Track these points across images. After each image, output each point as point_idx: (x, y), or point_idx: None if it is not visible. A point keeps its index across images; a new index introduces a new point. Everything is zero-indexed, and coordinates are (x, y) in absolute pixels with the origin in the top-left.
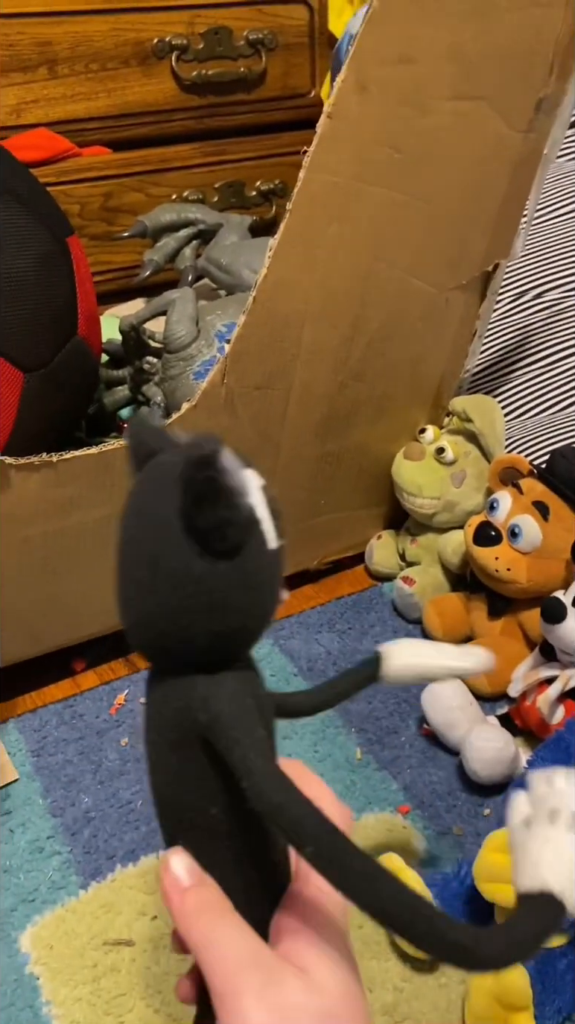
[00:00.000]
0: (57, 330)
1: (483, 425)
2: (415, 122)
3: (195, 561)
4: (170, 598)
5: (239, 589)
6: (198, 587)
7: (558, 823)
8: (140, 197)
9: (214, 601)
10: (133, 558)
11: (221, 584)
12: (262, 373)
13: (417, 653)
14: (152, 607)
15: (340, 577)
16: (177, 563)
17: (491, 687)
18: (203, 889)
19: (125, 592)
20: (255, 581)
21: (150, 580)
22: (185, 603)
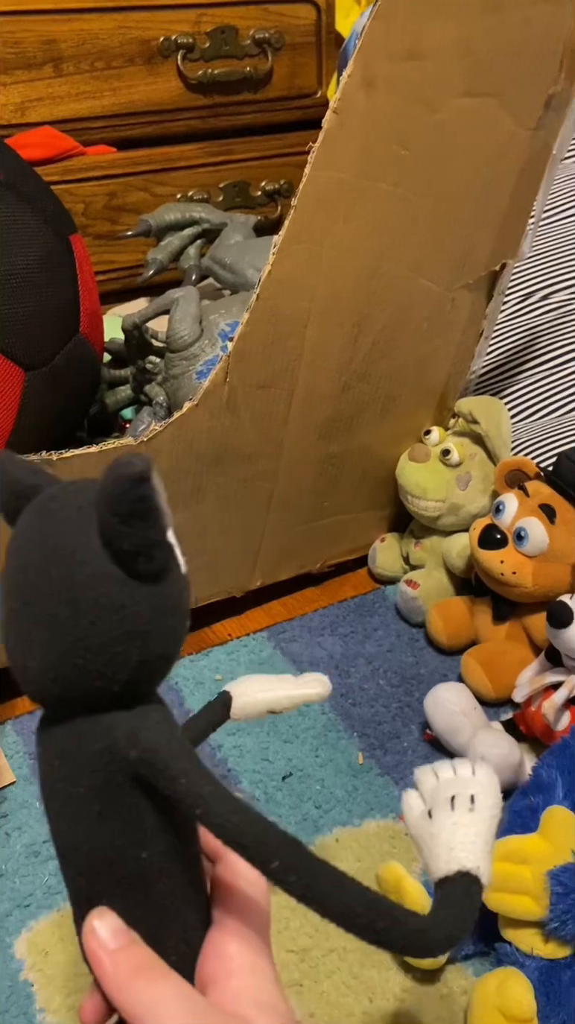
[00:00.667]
0: (59, 328)
1: (489, 427)
2: (423, 119)
3: (120, 587)
4: (92, 631)
5: (164, 614)
6: (124, 614)
7: (459, 807)
8: (144, 196)
9: (139, 629)
10: (39, 599)
11: (146, 610)
12: (265, 372)
13: (260, 687)
14: (69, 644)
15: (343, 580)
16: (100, 591)
17: (495, 692)
18: (133, 949)
19: (28, 637)
20: (176, 605)
21: (67, 616)
22: (110, 633)
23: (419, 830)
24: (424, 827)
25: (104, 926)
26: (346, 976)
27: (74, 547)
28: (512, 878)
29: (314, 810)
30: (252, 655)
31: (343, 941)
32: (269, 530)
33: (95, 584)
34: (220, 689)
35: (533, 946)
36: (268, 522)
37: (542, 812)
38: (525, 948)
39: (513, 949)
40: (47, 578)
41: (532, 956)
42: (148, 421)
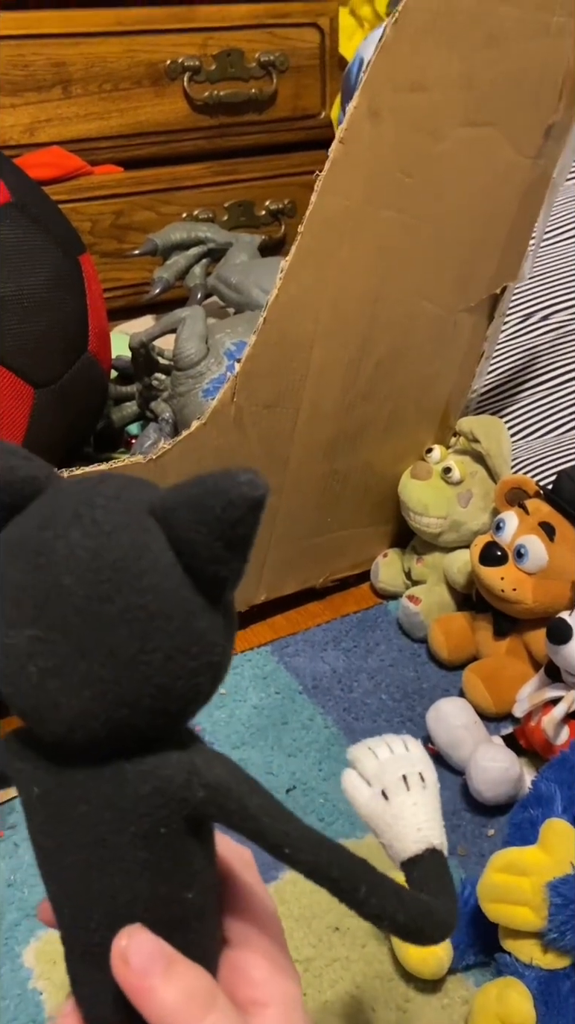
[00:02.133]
0: (68, 347)
1: (490, 445)
2: (426, 148)
3: (202, 615)
4: (169, 664)
5: (231, 643)
6: (204, 644)
7: (413, 786)
8: (151, 215)
9: (216, 659)
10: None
11: (223, 639)
12: (271, 392)
13: None
14: (136, 679)
15: (346, 595)
16: (180, 619)
17: (496, 707)
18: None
19: (68, 672)
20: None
21: (137, 648)
22: (189, 665)
23: (375, 812)
24: (381, 809)
25: (138, 948)
26: (349, 986)
27: (141, 568)
28: (512, 889)
29: (317, 823)
30: (256, 669)
31: (346, 952)
32: (274, 545)
33: (174, 611)
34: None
35: (533, 956)
36: (273, 537)
37: (541, 825)
38: (525, 958)
39: (513, 959)
40: (105, 604)
41: (532, 966)
42: (154, 437)
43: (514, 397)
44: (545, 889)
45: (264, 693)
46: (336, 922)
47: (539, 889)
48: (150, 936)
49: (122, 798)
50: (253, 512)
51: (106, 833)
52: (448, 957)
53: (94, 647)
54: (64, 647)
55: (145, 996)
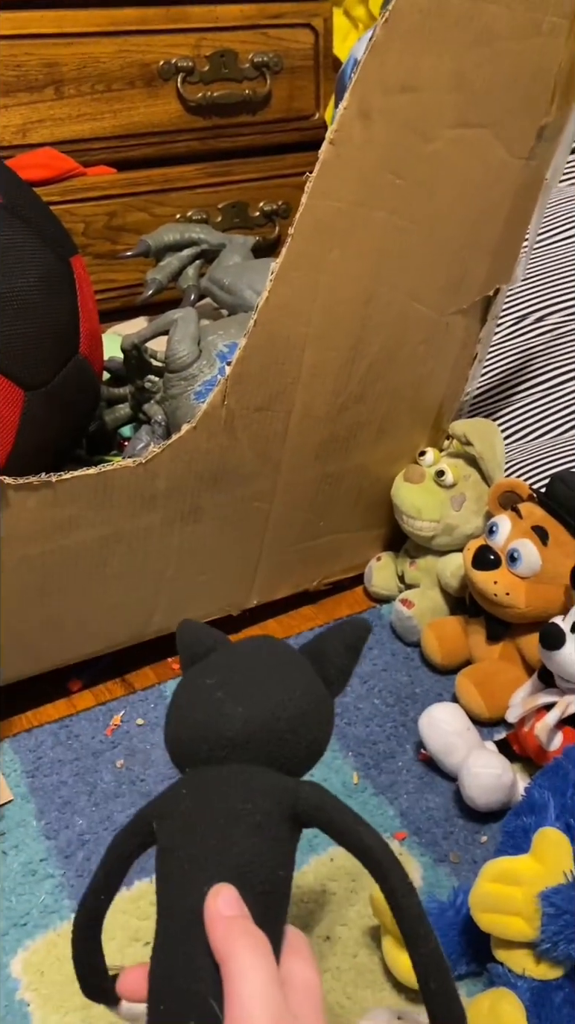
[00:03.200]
0: (59, 349)
1: (483, 449)
2: (417, 149)
3: (321, 691)
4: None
5: (332, 720)
6: (324, 711)
7: None
8: (144, 217)
9: (326, 724)
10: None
11: (330, 713)
12: (263, 395)
13: None
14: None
15: (339, 599)
16: (310, 690)
17: (489, 712)
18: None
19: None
20: None
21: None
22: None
23: None
24: None
25: (225, 896)
26: (340, 996)
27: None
28: (504, 899)
29: (308, 830)
30: None
31: (338, 961)
32: (266, 549)
33: (317, 688)
34: None
35: (525, 967)
36: (265, 541)
37: (534, 833)
38: (517, 969)
39: (505, 970)
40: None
41: (524, 977)
42: (146, 439)
43: (508, 400)
44: (538, 899)
45: None
46: (327, 931)
47: (531, 899)
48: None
49: (255, 783)
50: (366, 634)
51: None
52: None
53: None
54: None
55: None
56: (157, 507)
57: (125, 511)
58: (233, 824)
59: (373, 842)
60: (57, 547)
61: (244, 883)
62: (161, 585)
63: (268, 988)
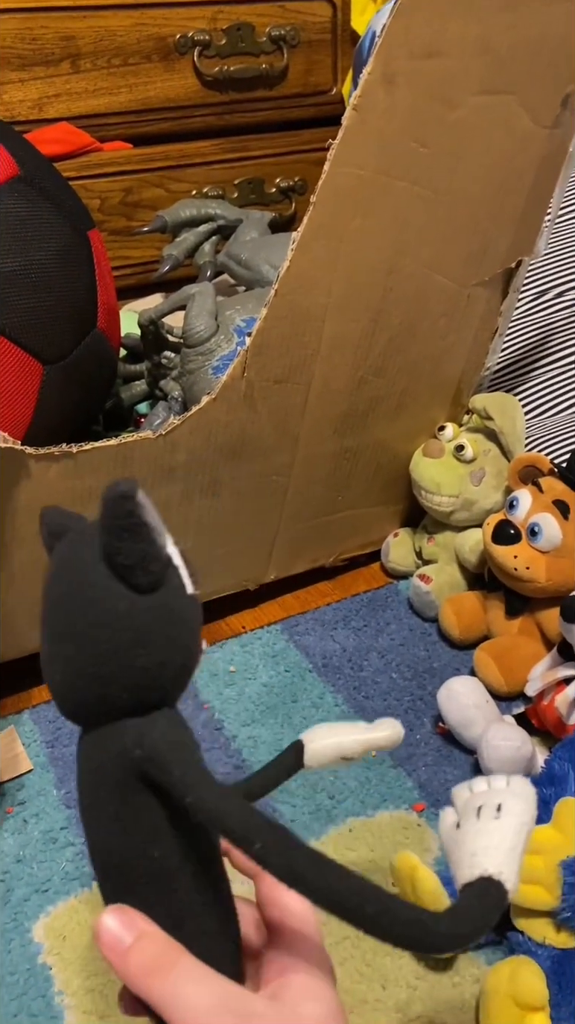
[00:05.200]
0: (77, 323)
1: (503, 423)
2: (441, 116)
3: (121, 599)
4: (101, 642)
5: (163, 623)
6: (126, 623)
7: (485, 816)
8: (160, 192)
9: (141, 637)
10: (60, 617)
11: (147, 617)
12: (282, 367)
13: (333, 733)
14: (85, 657)
15: (356, 574)
16: (105, 604)
17: (507, 686)
18: (146, 943)
19: (55, 655)
20: (177, 617)
21: (81, 630)
22: (115, 642)
23: (447, 841)
24: (451, 837)
25: (113, 921)
26: (359, 963)
27: (83, 570)
28: (525, 868)
29: (327, 801)
30: (266, 648)
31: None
32: (284, 524)
33: (101, 599)
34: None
35: (545, 935)
36: (283, 516)
37: (554, 804)
38: (537, 937)
39: (525, 938)
40: (62, 602)
41: (544, 945)
42: (163, 416)
43: (528, 374)
44: (559, 868)
45: (274, 671)
46: None
47: (553, 868)
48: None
49: (100, 759)
50: (122, 503)
51: (94, 790)
52: None
53: (62, 632)
54: (50, 636)
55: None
56: (176, 480)
57: (144, 483)
58: (91, 814)
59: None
60: None
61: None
62: None
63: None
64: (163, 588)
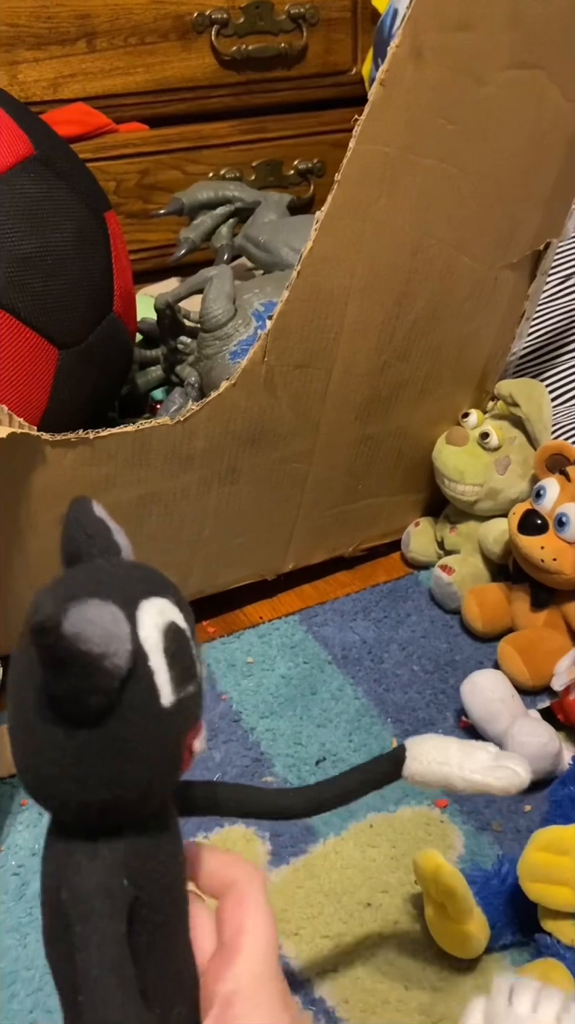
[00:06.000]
0: (93, 307)
1: (530, 410)
2: (470, 92)
3: (56, 729)
4: (43, 764)
5: (107, 758)
6: (62, 755)
7: None
8: (177, 175)
9: (80, 772)
10: (16, 719)
11: (84, 754)
12: (304, 351)
13: (444, 759)
14: (35, 768)
15: (375, 565)
16: (43, 731)
17: (532, 680)
18: None
19: (15, 751)
20: (129, 748)
21: (27, 743)
22: (53, 771)
23: None
24: None
25: None
26: (381, 963)
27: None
28: (553, 868)
29: None
30: (284, 638)
31: (378, 927)
32: (303, 513)
33: (39, 723)
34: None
35: (574, 938)
36: (302, 504)
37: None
38: (566, 940)
39: (553, 941)
40: (16, 704)
41: (572, 948)
42: (180, 402)
43: (554, 360)
44: None
45: (292, 663)
46: (368, 898)
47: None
48: None
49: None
50: (40, 637)
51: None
52: (485, 937)
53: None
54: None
55: None
56: (194, 467)
57: (162, 471)
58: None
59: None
60: None
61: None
62: (197, 547)
63: None
64: (115, 716)
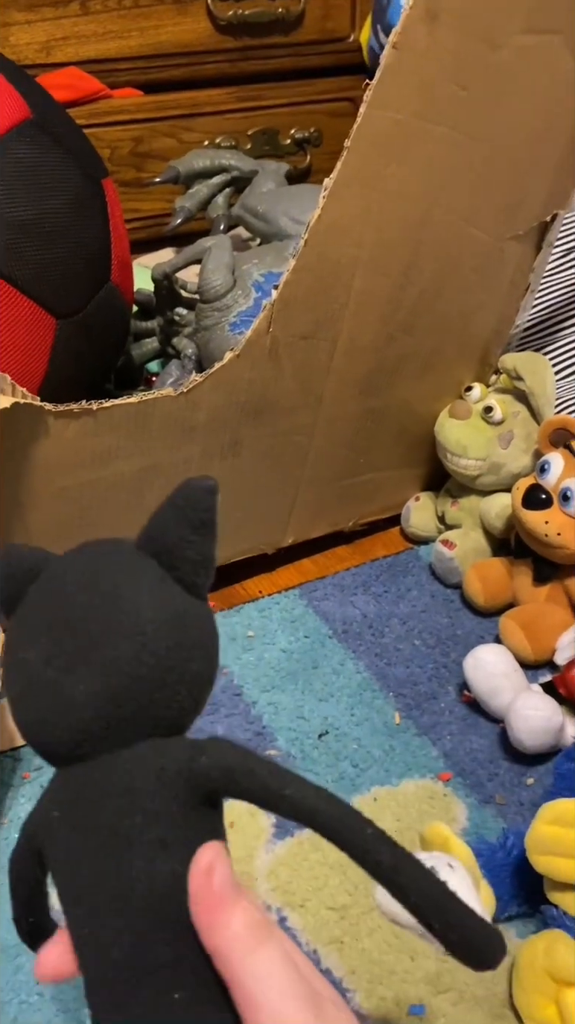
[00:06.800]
0: (90, 276)
1: (534, 384)
2: (484, 57)
3: (179, 597)
4: (161, 639)
5: (211, 632)
6: (188, 622)
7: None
8: (171, 143)
9: (197, 640)
10: (99, 621)
11: (203, 622)
12: (309, 322)
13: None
14: (136, 659)
15: (374, 539)
16: (169, 602)
17: (534, 655)
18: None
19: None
20: (216, 630)
21: (137, 629)
22: (175, 641)
23: None
24: None
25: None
26: (387, 934)
27: (128, 570)
28: (560, 841)
29: (351, 769)
30: (284, 613)
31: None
32: (304, 486)
33: (164, 594)
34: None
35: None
36: (303, 478)
37: None
38: (572, 911)
39: (559, 912)
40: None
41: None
42: (176, 374)
43: (558, 334)
44: None
45: (293, 637)
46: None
47: None
48: (228, 862)
49: (131, 781)
50: (209, 497)
51: (119, 819)
52: (491, 908)
53: (96, 637)
54: (73, 647)
55: (216, 917)
56: (196, 439)
57: (164, 442)
58: (126, 850)
59: (300, 795)
60: (95, 478)
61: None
62: None
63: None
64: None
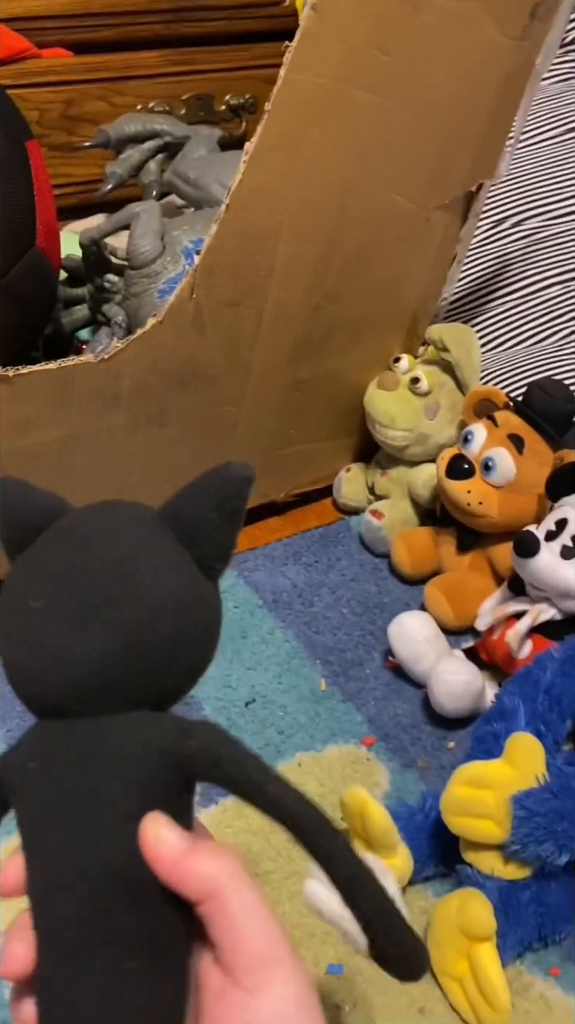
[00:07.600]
0: (14, 240)
1: (459, 355)
2: (406, 20)
3: (202, 580)
4: (181, 614)
5: (219, 615)
6: (208, 604)
7: None
8: (103, 106)
9: (206, 617)
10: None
11: (214, 603)
12: (234, 289)
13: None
14: (151, 629)
15: (307, 510)
16: (192, 583)
17: (457, 621)
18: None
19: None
20: (220, 616)
21: (157, 601)
22: (193, 620)
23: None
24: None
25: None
26: None
27: (150, 545)
28: (475, 802)
29: (276, 736)
30: None
31: (305, 865)
32: (234, 457)
33: (190, 574)
34: None
35: (494, 868)
36: (233, 449)
37: (504, 739)
38: (486, 870)
39: (474, 871)
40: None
41: (492, 877)
42: (106, 342)
43: (484, 306)
44: (509, 802)
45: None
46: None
47: (503, 803)
48: (171, 823)
49: (116, 748)
50: (246, 487)
51: (98, 783)
52: (409, 870)
53: (107, 597)
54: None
55: (181, 868)
56: (120, 408)
57: (86, 411)
58: (99, 816)
59: (280, 793)
60: (14, 448)
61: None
62: (125, 492)
63: None
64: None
